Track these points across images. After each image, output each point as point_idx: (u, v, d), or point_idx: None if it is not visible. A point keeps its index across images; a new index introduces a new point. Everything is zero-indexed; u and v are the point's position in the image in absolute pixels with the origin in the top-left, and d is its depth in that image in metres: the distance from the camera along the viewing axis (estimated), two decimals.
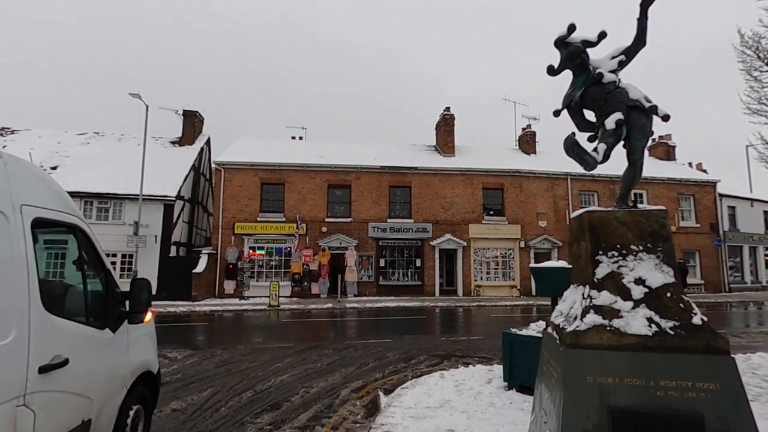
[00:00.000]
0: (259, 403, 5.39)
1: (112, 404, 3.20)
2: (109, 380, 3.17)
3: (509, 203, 22.48)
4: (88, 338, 3.00)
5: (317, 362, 7.55)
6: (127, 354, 3.45)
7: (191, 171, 22.07)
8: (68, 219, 3.05)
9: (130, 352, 3.51)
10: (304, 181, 21.38)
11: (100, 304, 3.28)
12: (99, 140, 23.19)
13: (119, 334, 3.36)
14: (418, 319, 14.18)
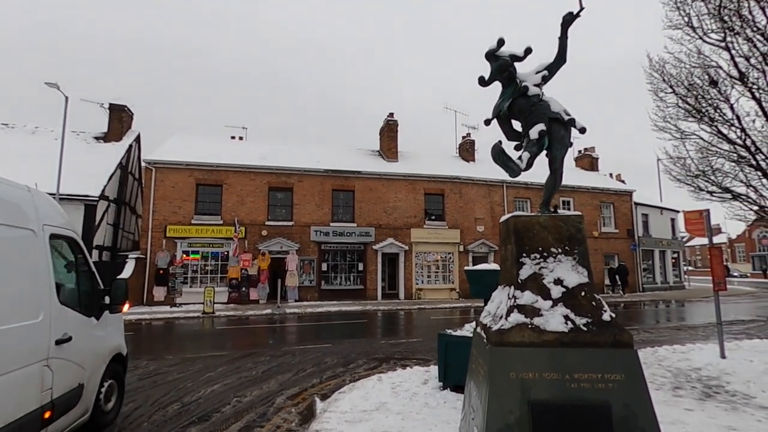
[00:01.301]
0: (186, 415, 5.09)
1: (96, 375, 4.33)
2: (95, 356, 4.32)
3: (449, 208, 23.19)
4: (83, 323, 4.16)
5: (252, 370, 7.29)
6: (106, 338, 4.62)
7: (117, 169, 20.51)
8: (67, 233, 4.26)
9: (108, 337, 4.70)
10: (243, 182, 20.64)
11: (89, 298, 4.42)
12: (8, 132, 20.87)
13: (101, 322, 4.52)
14: (359, 323, 14.18)
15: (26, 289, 3.38)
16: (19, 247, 3.40)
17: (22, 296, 3.33)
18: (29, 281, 3.43)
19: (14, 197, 3.51)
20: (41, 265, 3.59)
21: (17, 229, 3.41)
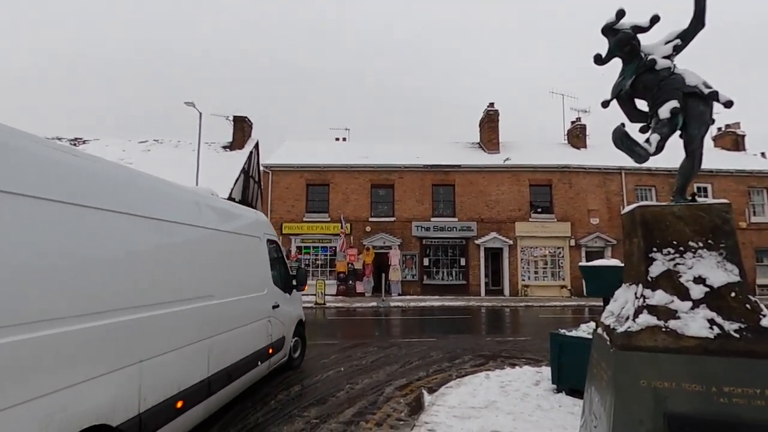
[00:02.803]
0: (306, 397, 5.55)
1: (290, 333, 6.55)
2: (289, 319, 6.55)
3: (558, 200, 21.65)
4: (283, 296, 6.35)
5: (362, 359, 7.65)
6: (294, 308, 6.86)
7: (241, 174, 23.04)
8: (274, 238, 6.50)
9: (295, 307, 6.96)
10: (347, 181, 21.71)
11: (285, 280, 6.57)
12: (158, 147, 24.77)
13: (292, 297, 6.76)
14: (463, 318, 14.01)
15: (260, 274, 5.67)
16: (255, 248, 5.61)
17: (258, 278, 5.59)
18: (260, 269, 5.71)
19: (251, 218, 5.81)
20: (264, 259, 5.88)
21: (254, 238, 5.62)
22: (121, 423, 2.80)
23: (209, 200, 4.63)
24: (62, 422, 2.34)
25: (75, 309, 2.54)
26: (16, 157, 2.30)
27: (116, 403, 2.79)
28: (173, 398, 3.41)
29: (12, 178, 2.24)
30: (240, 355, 4.77)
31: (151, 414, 3.11)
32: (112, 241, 2.96)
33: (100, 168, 3.05)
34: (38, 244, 2.37)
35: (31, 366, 2.22)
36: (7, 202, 2.17)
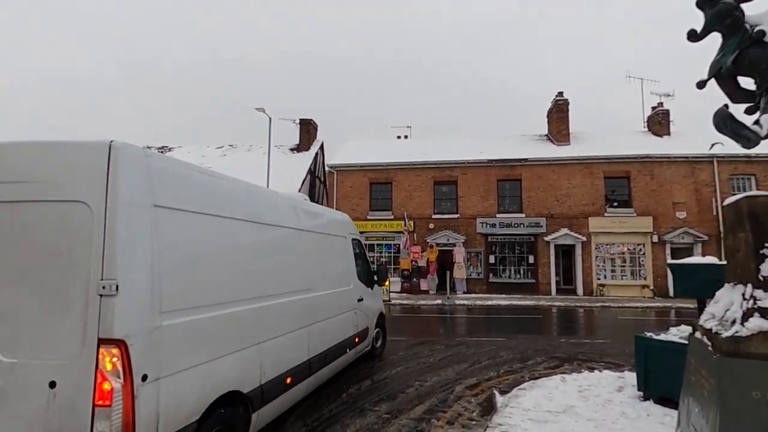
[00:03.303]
0: (376, 392, 5.64)
1: (372, 324, 7.15)
2: (372, 312, 7.15)
3: (638, 193, 20.02)
4: (366, 291, 6.92)
5: (429, 357, 7.63)
6: (375, 301, 7.46)
7: (308, 175, 23.94)
8: (357, 237, 7.13)
9: (376, 301, 7.57)
10: (410, 179, 21.73)
11: (367, 276, 7.12)
12: (233, 152, 26.48)
13: (373, 291, 7.31)
14: (533, 318, 13.45)
15: (346, 270, 6.32)
16: (342, 247, 6.29)
17: (345, 273, 6.25)
18: (347, 265, 6.39)
19: (338, 219, 6.64)
20: (349, 256, 6.56)
21: (341, 237, 6.30)
22: (249, 391, 3.47)
23: (303, 205, 5.33)
24: (213, 384, 3.06)
25: (219, 298, 3.23)
26: (173, 180, 2.98)
27: (245, 375, 3.45)
28: (284, 374, 4.08)
29: (178, 198, 2.95)
30: (333, 341, 5.40)
31: (269, 386, 3.76)
32: (242, 244, 3.66)
33: (232, 185, 3.79)
34: (193, 247, 3.06)
35: (196, 340, 2.95)
36: (175, 216, 2.89)
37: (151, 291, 2.60)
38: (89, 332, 2.35)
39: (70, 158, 2.59)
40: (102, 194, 2.46)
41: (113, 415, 2.28)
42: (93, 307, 2.36)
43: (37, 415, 2.33)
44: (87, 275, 2.39)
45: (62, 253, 2.48)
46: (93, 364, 2.32)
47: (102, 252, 2.41)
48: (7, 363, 2.40)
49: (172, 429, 2.64)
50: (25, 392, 2.37)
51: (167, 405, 2.62)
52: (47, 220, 2.52)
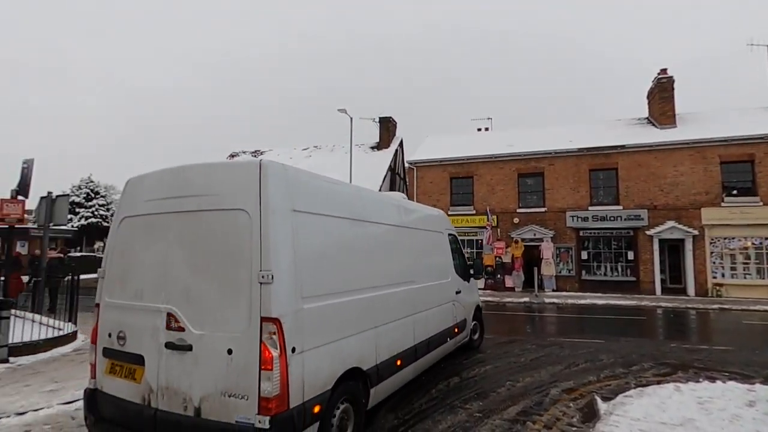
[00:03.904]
0: (465, 390, 5.56)
1: (469, 316, 7.40)
2: (469, 304, 7.39)
3: (765, 178, 17.27)
4: (463, 284, 7.15)
5: (520, 357, 7.33)
6: (472, 294, 7.66)
7: (388, 172, 24.31)
8: (453, 232, 7.43)
9: (473, 294, 7.76)
10: (492, 172, 21.03)
11: (463, 269, 7.32)
12: (317, 152, 27.80)
13: (470, 285, 7.51)
14: (636, 320, 12.28)
15: (444, 264, 6.62)
16: (439, 242, 6.60)
17: (443, 267, 6.53)
18: (444, 259, 6.67)
19: (435, 215, 6.90)
20: (447, 251, 6.84)
21: (438, 233, 6.62)
22: (368, 368, 4.00)
23: (404, 203, 5.82)
24: (341, 360, 3.61)
25: (343, 287, 3.80)
26: (305, 188, 3.57)
27: (364, 354, 3.98)
28: (395, 357, 4.55)
29: (309, 203, 3.53)
30: (434, 330, 5.76)
31: (383, 365, 4.27)
32: (357, 240, 4.20)
33: (346, 189, 4.41)
34: (321, 244, 3.63)
35: (328, 322, 3.50)
36: (307, 219, 3.46)
37: (295, 280, 3.17)
38: (254, 312, 2.95)
39: (233, 175, 3.27)
40: (257, 203, 3.07)
41: (273, 377, 2.87)
42: (255, 292, 2.96)
43: (221, 373, 2.99)
44: (250, 267, 3.00)
45: (232, 250, 3.11)
46: (258, 337, 2.92)
47: (260, 249, 3.00)
48: (197, 334, 3.11)
49: (312, 394, 3.18)
50: (211, 356, 3.05)
51: (309, 374, 3.17)
52: (220, 225, 3.20)
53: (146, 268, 3.48)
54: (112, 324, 3.60)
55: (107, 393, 3.50)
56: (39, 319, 9.01)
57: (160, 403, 3.17)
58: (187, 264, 3.27)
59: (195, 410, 3.03)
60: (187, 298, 3.21)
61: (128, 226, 3.75)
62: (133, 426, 3.28)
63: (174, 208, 3.41)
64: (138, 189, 3.76)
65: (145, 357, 3.29)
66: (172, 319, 3.22)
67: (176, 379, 3.13)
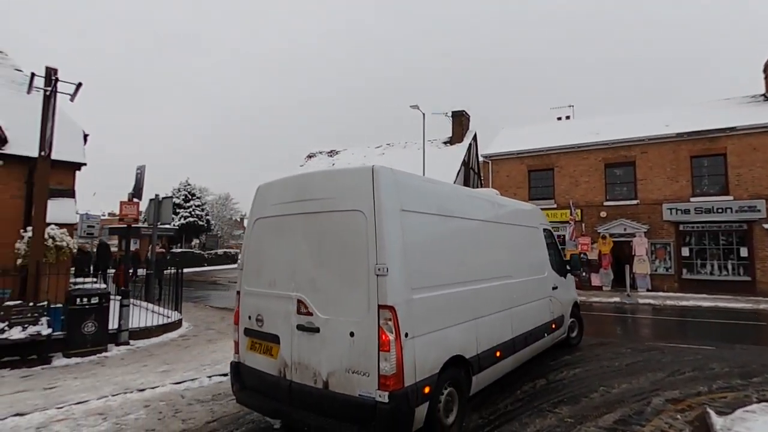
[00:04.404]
0: (554, 393, 5.27)
1: (567, 313, 7.27)
2: (566, 300, 7.25)
3: None
4: (560, 279, 7.06)
5: (613, 361, 6.79)
6: (569, 291, 7.56)
7: (462, 166, 23.85)
8: (548, 227, 7.33)
9: (570, 290, 7.66)
10: (575, 163, 19.70)
11: (559, 265, 7.21)
12: (390, 150, 28.09)
13: (566, 280, 7.41)
14: (754, 325, 10.79)
15: (540, 259, 6.56)
16: (534, 237, 6.59)
17: (539, 262, 6.51)
18: (540, 254, 6.62)
19: (529, 211, 6.93)
20: (542, 246, 6.77)
21: (534, 228, 6.64)
22: (470, 357, 4.18)
23: (498, 200, 5.88)
24: (445, 347, 3.85)
25: (446, 280, 4.04)
26: (411, 190, 3.88)
27: (466, 344, 4.17)
28: (494, 348, 4.67)
29: (414, 203, 3.83)
30: (531, 325, 5.75)
31: (483, 355, 4.42)
32: (457, 236, 4.43)
33: (445, 189, 4.66)
34: (426, 240, 3.90)
35: (433, 312, 3.76)
36: (413, 217, 3.76)
37: (405, 272, 3.49)
38: (371, 300, 3.32)
39: (349, 180, 3.68)
40: (371, 204, 3.44)
41: (390, 358, 3.21)
42: (373, 283, 3.32)
43: (344, 352, 3.40)
44: (367, 261, 3.37)
45: (351, 245, 3.51)
46: (376, 322, 3.28)
47: (375, 245, 3.35)
48: (323, 318, 3.56)
49: (422, 376, 3.46)
50: (335, 337, 3.47)
51: (419, 357, 3.45)
52: (340, 224, 3.61)
53: (277, 261, 4.04)
54: (251, 308, 4.20)
55: (249, 366, 4.11)
56: (151, 308, 10.18)
57: (293, 376, 3.68)
58: (312, 258, 3.75)
59: (323, 383, 3.48)
60: (313, 287, 3.69)
61: (261, 226, 4.33)
62: (271, 394, 3.84)
63: (299, 210, 3.93)
64: (267, 194, 4.35)
65: (280, 337, 3.83)
66: (301, 305, 3.71)
67: (307, 356, 3.62)
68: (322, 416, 3.45)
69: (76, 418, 4.50)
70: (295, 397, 3.63)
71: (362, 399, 3.25)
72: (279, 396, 3.74)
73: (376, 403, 3.18)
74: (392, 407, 3.15)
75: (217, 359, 6.82)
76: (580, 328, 7.90)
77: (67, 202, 8.79)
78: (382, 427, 3.17)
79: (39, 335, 6.46)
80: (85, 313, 7.03)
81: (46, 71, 7.35)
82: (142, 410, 4.74)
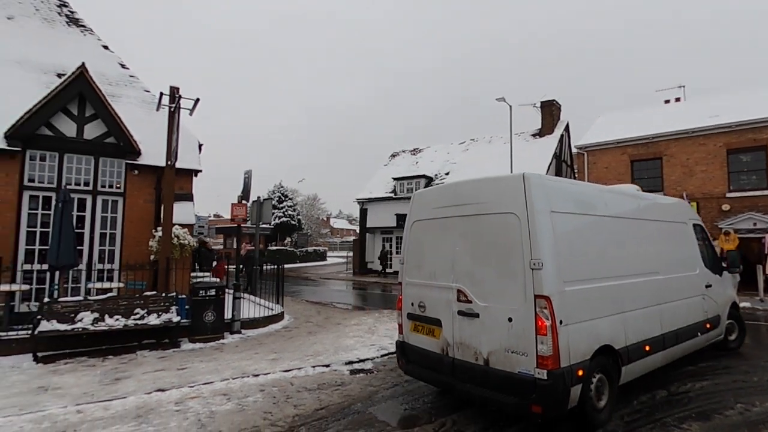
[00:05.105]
0: (678, 406, 4.75)
1: (723, 313, 6.81)
2: (723, 299, 6.85)
3: None
4: (714, 277, 6.70)
5: (749, 374, 5.92)
6: (726, 290, 7.05)
7: (553, 160, 22.49)
8: (698, 222, 7.01)
9: (727, 289, 7.12)
10: (688, 150, 17.52)
11: (713, 262, 6.85)
12: (474, 145, 27.41)
13: (722, 279, 6.97)
14: None
15: (690, 255, 6.34)
16: (683, 232, 6.39)
17: (689, 259, 6.29)
18: (690, 250, 6.38)
19: (676, 205, 6.67)
20: (692, 241, 6.51)
21: (681, 223, 6.40)
22: (618, 348, 4.40)
23: (641, 195, 5.93)
24: (595, 336, 4.13)
25: (593, 274, 4.29)
26: (558, 192, 4.29)
27: (614, 335, 4.39)
28: (643, 342, 4.80)
29: (562, 204, 4.19)
30: (682, 322, 5.64)
31: (632, 348, 4.59)
32: (601, 233, 4.64)
33: (588, 189, 4.94)
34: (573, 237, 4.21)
35: (583, 303, 4.07)
36: (562, 217, 4.11)
37: (557, 267, 3.85)
38: (527, 291, 3.78)
39: (503, 186, 4.18)
40: (524, 207, 3.88)
41: (547, 341, 3.64)
42: (528, 276, 3.78)
43: (503, 335, 3.93)
44: (522, 257, 3.83)
45: (506, 243, 4.00)
46: (533, 310, 3.73)
47: (529, 243, 3.80)
48: (482, 306, 4.14)
49: (575, 360, 3.81)
50: (494, 322, 4.01)
51: (572, 343, 3.81)
52: (494, 225, 4.13)
53: (436, 256, 4.70)
54: (413, 296, 4.95)
55: (412, 344, 4.90)
56: (255, 300, 11.09)
57: (455, 353, 4.33)
58: (469, 254, 4.33)
59: (484, 361, 4.05)
60: (471, 279, 4.27)
61: (419, 227, 5.06)
62: (435, 368, 4.52)
63: (454, 213, 4.54)
64: (424, 200, 5.10)
65: (442, 320, 4.51)
66: (461, 294, 4.33)
67: (468, 337, 4.23)
68: (483, 388, 4.02)
69: (205, 396, 5.06)
70: (458, 371, 4.25)
71: (521, 375, 3.72)
72: (442, 370, 4.41)
73: (535, 379, 3.63)
74: (550, 383, 3.57)
75: (318, 351, 7.22)
76: (741, 331, 7.31)
77: (187, 205, 9.93)
78: (542, 400, 3.58)
79: (170, 322, 7.38)
80: (205, 304, 7.89)
81: (171, 90, 8.36)
82: (259, 394, 5.18)
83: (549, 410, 3.63)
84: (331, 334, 8.63)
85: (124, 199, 9.42)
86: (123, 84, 11.17)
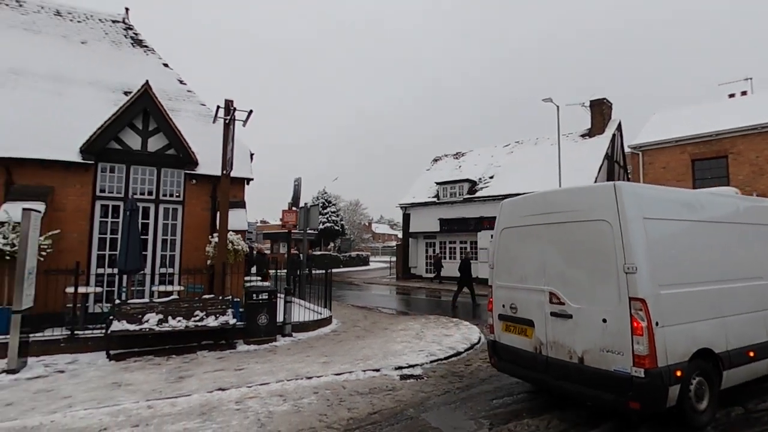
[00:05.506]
0: (758, 425, 4.38)
1: None
2: None
3: None
4: None
5: None
6: None
7: (604, 161, 21.50)
8: None
9: None
10: (758, 147, 16.20)
11: None
12: (520, 147, 26.71)
13: None
14: None
15: None
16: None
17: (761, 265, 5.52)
18: None
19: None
20: None
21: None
22: (719, 352, 4.42)
23: (741, 199, 5.76)
24: (693, 339, 4.20)
25: (689, 279, 4.37)
26: (650, 199, 4.36)
27: (714, 339, 4.42)
28: (746, 348, 4.75)
29: (655, 211, 4.30)
30: None
31: (734, 353, 4.57)
32: (698, 238, 4.66)
33: (681, 195, 4.86)
34: (668, 242, 4.29)
35: (679, 306, 4.16)
36: (655, 224, 4.22)
37: (651, 271, 3.99)
38: (622, 293, 3.95)
39: (594, 195, 4.37)
40: (616, 214, 4.07)
41: (643, 341, 3.77)
42: (622, 280, 3.95)
43: (598, 335, 4.09)
44: (615, 261, 4.01)
45: (598, 249, 4.19)
46: (627, 312, 3.89)
47: (623, 248, 3.97)
48: (575, 307, 4.34)
49: (673, 361, 3.91)
50: (588, 323, 4.20)
51: (669, 344, 3.92)
52: (586, 231, 4.33)
53: (526, 261, 4.95)
54: (504, 299, 5.24)
55: (504, 343, 5.18)
56: (303, 304, 11.36)
57: (549, 352, 4.54)
58: (560, 258, 4.56)
59: (579, 359, 4.22)
60: (563, 282, 4.49)
61: (508, 233, 5.33)
62: (528, 366, 4.76)
63: (545, 220, 4.78)
64: (513, 208, 5.33)
65: (534, 321, 4.74)
66: (553, 297, 4.55)
67: (561, 336, 4.43)
68: (577, 384, 4.19)
69: (262, 397, 5.25)
70: (552, 369, 4.46)
71: (617, 373, 3.86)
72: (536, 368, 4.64)
73: (632, 377, 3.75)
74: (648, 381, 3.69)
75: (367, 355, 7.29)
76: None
77: (240, 212, 10.37)
78: (640, 397, 3.70)
79: (227, 324, 7.72)
80: (259, 307, 8.19)
81: (225, 103, 8.79)
82: (313, 396, 5.30)
83: (647, 407, 3.73)
84: (378, 339, 8.68)
85: (183, 207, 9.99)
86: (181, 99, 11.89)
